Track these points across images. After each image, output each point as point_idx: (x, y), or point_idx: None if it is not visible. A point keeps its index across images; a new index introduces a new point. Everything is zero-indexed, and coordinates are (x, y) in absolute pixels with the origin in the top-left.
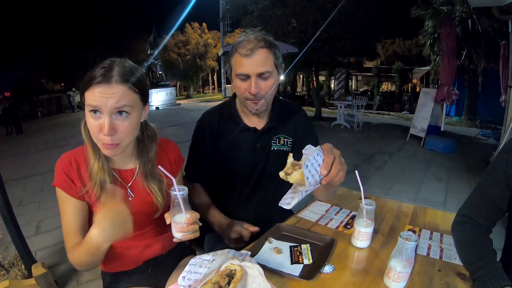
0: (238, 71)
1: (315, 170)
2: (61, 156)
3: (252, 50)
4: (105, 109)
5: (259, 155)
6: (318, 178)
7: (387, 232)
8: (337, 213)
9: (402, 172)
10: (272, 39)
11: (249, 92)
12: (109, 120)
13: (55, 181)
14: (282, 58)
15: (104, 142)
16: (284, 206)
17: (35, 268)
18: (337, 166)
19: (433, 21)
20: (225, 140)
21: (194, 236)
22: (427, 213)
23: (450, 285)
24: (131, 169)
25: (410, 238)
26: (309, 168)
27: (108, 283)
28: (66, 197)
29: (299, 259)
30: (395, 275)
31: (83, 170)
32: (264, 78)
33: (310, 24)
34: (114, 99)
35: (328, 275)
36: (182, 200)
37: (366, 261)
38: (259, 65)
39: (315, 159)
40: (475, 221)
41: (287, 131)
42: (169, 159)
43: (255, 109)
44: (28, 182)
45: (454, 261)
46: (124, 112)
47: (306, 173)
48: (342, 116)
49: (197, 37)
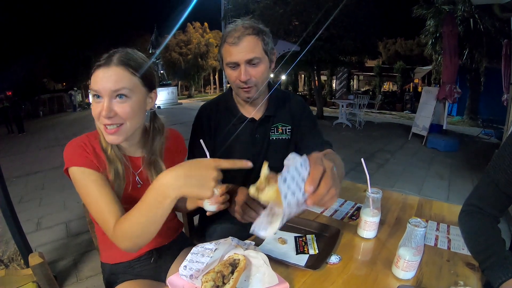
0: (228, 60)
1: (297, 186)
2: (69, 142)
3: (239, 38)
4: (104, 92)
5: (259, 147)
6: (302, 198)
7: (393, 223)
8: (342, 204)
9: (404, 170)
10: (262, 26)
11: (239, 80)
12: (107, 102)
13: (68, 162)
14: (273, 44)
15: (104, 123)
16: (259, 234)
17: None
18: (328, 181)
19: (434, 20)
20: (223, 132)
21: (224, 206)
22: (433, 205)
23: (459, 275)
24: (140, 157)
25: (419, 225)
26: (288, 182)
27: (108, 275)
28: (89, 174)
29: (304, 249)
30: (404, 264)
31: (99, 151)
32: (253, 64)
33: (312, 23)
34: (111, 82)
35: (335, 265)
36: None
37: (373, 251)
38: (247, 52)
39: (297, 171)
40: (483, 210)
41: (284, 119)
42: (173, 148)
43: (247, 97)
44: (29, 180)
45: (462, 251)
46: (123, 96)
47: (283, 189)
48: (344, 115)
49: (199, 37)
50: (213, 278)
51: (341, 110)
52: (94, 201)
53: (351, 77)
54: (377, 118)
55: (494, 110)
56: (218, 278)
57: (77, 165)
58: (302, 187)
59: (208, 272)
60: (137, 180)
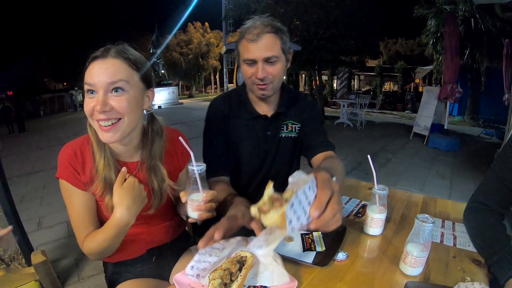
0: (245, 56)
1: (303, 210)
2: (64, 146)
3: (258, 35)
4: (99, 85)
5: (270, 144)
6: (306, 221)
7: (399, 220)
8: (347, 202)
9: (406, 169)
10: (280, 25)
11: (255, 77)
12: (102, 96)
13: (58, 172)
14: (290, 43)
15: (98, 118)
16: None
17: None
18: (335, 206)
19: (435, 20)
20: (236, 126)
21: (211, 215)
22: (437, 203)
23: (466, 271)
24: (136, 162)
25: (427, 220)
26: (294, 207)
27: (110, 274)
28: (71, 189)
29: (311, 246)
30: (412, 260)
31: (88, 162)
32: (271, 62)
33: (313, 23)
34: (108, 74)
35: (342, 262)
36: (199, 176)
37: (379, 248)
38: (265, 50)
39: (305, 194)
40: (488, 207)
41: (294, 117)
42: (176, 151)
43: (262, 94)
44: (30, 179)
45: (468, 248)
46: (120, 89)
47: (289, 215)
48: (345, 115)
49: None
50: (220, 275)
51: (342, 110)
52: (72, 213)
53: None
54: (378, 118)
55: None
56: (226, 275)
57: (65, 180)
58: (307, 211)
59: (216, 270)
60: None
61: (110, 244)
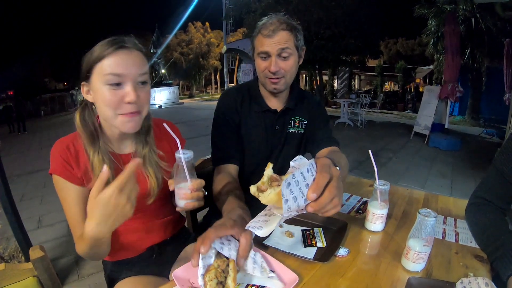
0: (260, 50)
1: (300, 192)
2: (56, 142)
3: (273, 31)
4: (130, 77)
5: (278, 138)
6: (303, 203)
7: (400, 216)
8: (348, 199)
9: (407, 168)
10: (295, 23)
11: (268, 70)
12: (133, 87)
13: (51, 168)
14: (303, 41)
15: (127, 111)
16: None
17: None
18: (332, 190)
19: (436, 20)
20: (246, 119)
21: (198, 204)
22: (439, 200)
23: (469, 267)
24: (129, 153)
25: (429, 215)
26: (291, 187)
27: (110, 272)
28: (66, 185)
29: (312, 242)
30: (414, 255)
31: (82, 156)
32: (284, 57)
33: (313, 22)
34: (137, 65)
35: (344, 258)
36: (186, 164)
37: (381, 244)
38: (279, 44)
39: (302, 176)
40: (490, 202)
41: (302, 113)
42: (168, 140)
43: (274, 88)
44: (31, 178)
45: (470, 244)
46: (145, 82)
47: (285, 193)
48: (346, 114)
49: (200, 37)
50: (215, 275)
51: (343, 109)
52: (68, 210)
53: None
54: (378, 118)
55: (495, 110)
56: (219, 273)
57: (58, 175)
58: (305, 193)
59: (210, 270)
60: None
61: (95, 251)
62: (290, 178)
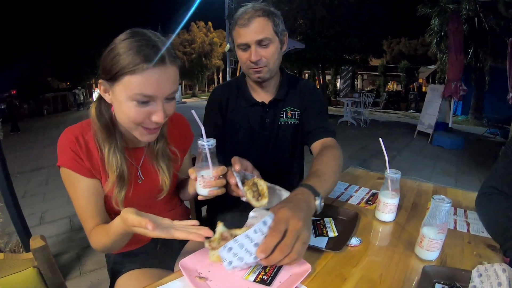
0: (238, 41)
1: (247, 252)
2: (63, 132)
3: (249, 19)
4: (161, 97)
5: (269, 131)
6: (253, 260)
7: (410, 208)
8: (357, 191)
9: (411, 167)
10: (272, 8)
11: (250, 61)
12: (163, 106)
13: (60, 160)
14: (284, 26)
15: (151, 127)
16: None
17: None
18: (284, 249)
19: (439, 19)
20: (234, 114)
21: (221, 192)
22: (448, 192)
23: (482, 256)
24: (142, 147)
25: (444, 201)
26: (234, 250)
27: (113, 265)
28: (76, 177)
29: (323, 231)
30: (428, 243)
31: (92, 148)
32: (264, 45)
33: (317, 21)
34: (170, 84)
35: (356, 248)
36: (209, 152)
37: (393, 234)
38: (256, 32)
39: (248, 237)
40: (501, 192)
41: (294, 103)
42: (180, 133)
43: (257, 77)
44: (33, 175)
45: (482, 234)
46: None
47: (226, 257)
48: (349, 113)
49: (203, 36)
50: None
51: (346, 109)
52: (78, 204)
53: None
54: (382, 117)
55: (499, 109)
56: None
57: (67, 168)
58: (253, 252)
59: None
60: (139, 175)
61: (120, 245)
62: (232, 243)
